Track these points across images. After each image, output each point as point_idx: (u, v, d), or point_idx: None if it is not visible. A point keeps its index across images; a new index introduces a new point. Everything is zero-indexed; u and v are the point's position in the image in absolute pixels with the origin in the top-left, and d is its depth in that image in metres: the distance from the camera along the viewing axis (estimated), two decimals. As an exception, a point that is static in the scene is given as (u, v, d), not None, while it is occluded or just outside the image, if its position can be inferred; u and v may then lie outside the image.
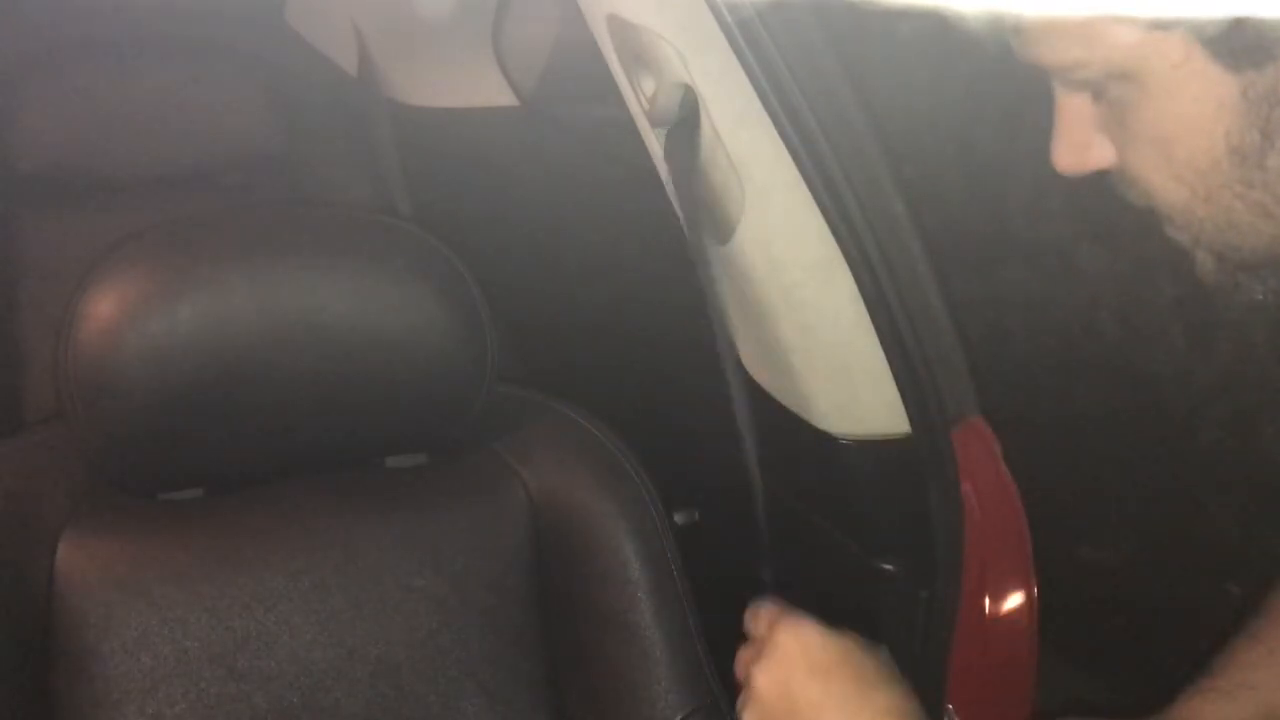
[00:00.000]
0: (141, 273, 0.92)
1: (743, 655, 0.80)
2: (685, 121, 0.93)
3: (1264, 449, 1.41)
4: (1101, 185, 0.63)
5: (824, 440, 1.02)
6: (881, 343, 0.95)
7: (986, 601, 1.01)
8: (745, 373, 1.12)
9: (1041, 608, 1.01)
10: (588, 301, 1.60)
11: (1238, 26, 0.50)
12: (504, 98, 1.73)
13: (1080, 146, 0.60)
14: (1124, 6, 0.50)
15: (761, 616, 0.80)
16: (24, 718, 0.93)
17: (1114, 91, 0.57)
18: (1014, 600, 1.01)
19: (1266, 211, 0.55)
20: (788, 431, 1.05)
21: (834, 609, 1.13)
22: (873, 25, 1.02)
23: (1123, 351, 1.50)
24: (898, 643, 1.05)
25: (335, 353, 0.95)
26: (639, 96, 0.98)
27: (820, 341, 0.99)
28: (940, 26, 0.61)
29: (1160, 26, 0.52)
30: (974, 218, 1.45)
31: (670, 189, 1.00)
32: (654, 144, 1.02)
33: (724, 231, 0.97)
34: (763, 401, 1.09)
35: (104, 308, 0.90)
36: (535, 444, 1.07)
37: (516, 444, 1.07)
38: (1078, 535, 1.53)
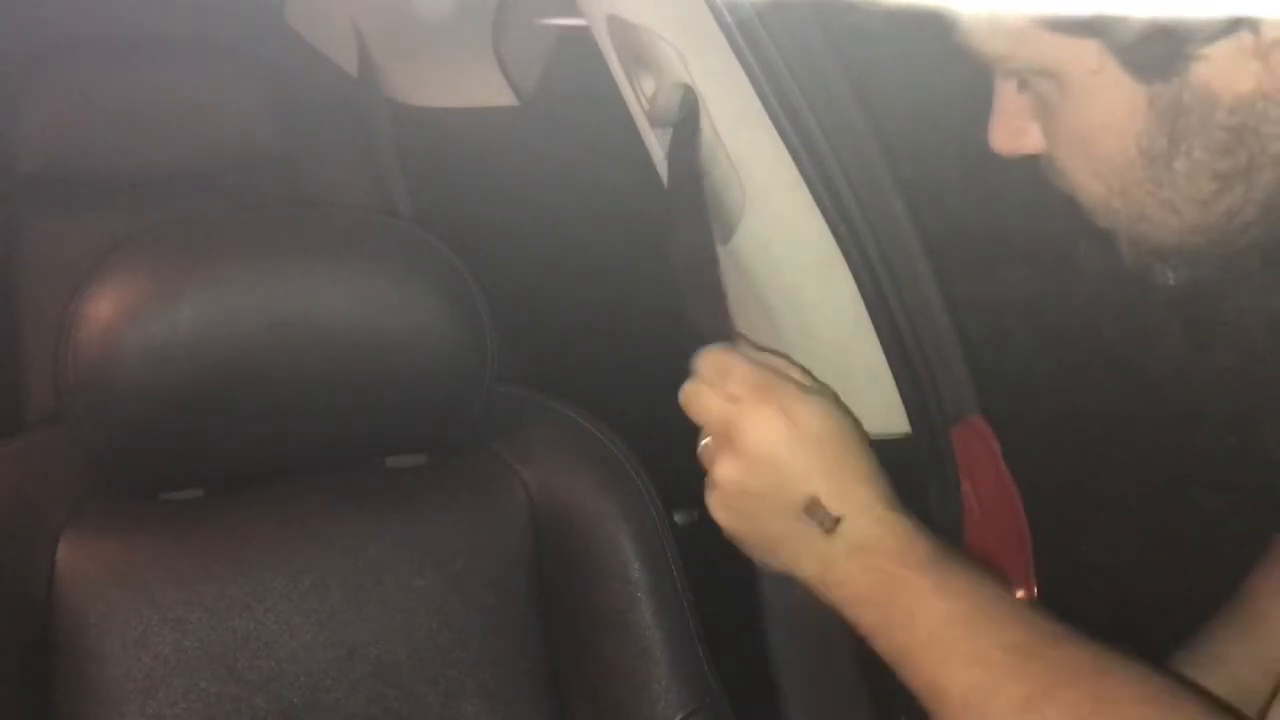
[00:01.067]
0: (141, 273, 0.92)
1: (709, 408, 0.74)
2: (685, 121, 0.93)
3: (1264, 449, 1.41)
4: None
5: (824, 440, 1.02)
6: (881, 343, 0.95)
7: (986, 601, 1.01)
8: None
9: (1041, 608, 1.01)
10: (588, 301, 1.59)
11: (1146, 40, 0.54)
12: (504, 98, 1.73)
13: (1014, 131, 0.64)
14: (1121, 7, 0.50)
15: (733, 374, 0.73)
16: (24, 718, 0.93)
17: (1037, 86, 0.61)
18: (1014, 600, 1.01)
19: (1174, 208, 0.59)
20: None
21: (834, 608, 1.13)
22: (872, 25, 1.01)
23: (1123, 351, 1.50)
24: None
25: (335, 353, 0.95)
26: (639, 96, 0.98)
27: (820, 341, 0.99)
28: (939, 26, 0.62)
29: (1078, 34, 0.55)
30: (974, 218, 1.45)
31: (670, 189, 1.00)
32: (654, 144, 1.02)
33: (724, 231, 0.97)
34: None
35: (104, 308, 0.90)
36: (535, 444, 1.07)
37: (516, 444, 1.07)
38: (1078, 535, 1.53)
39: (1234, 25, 0.52)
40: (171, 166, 1.63)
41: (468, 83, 1.73)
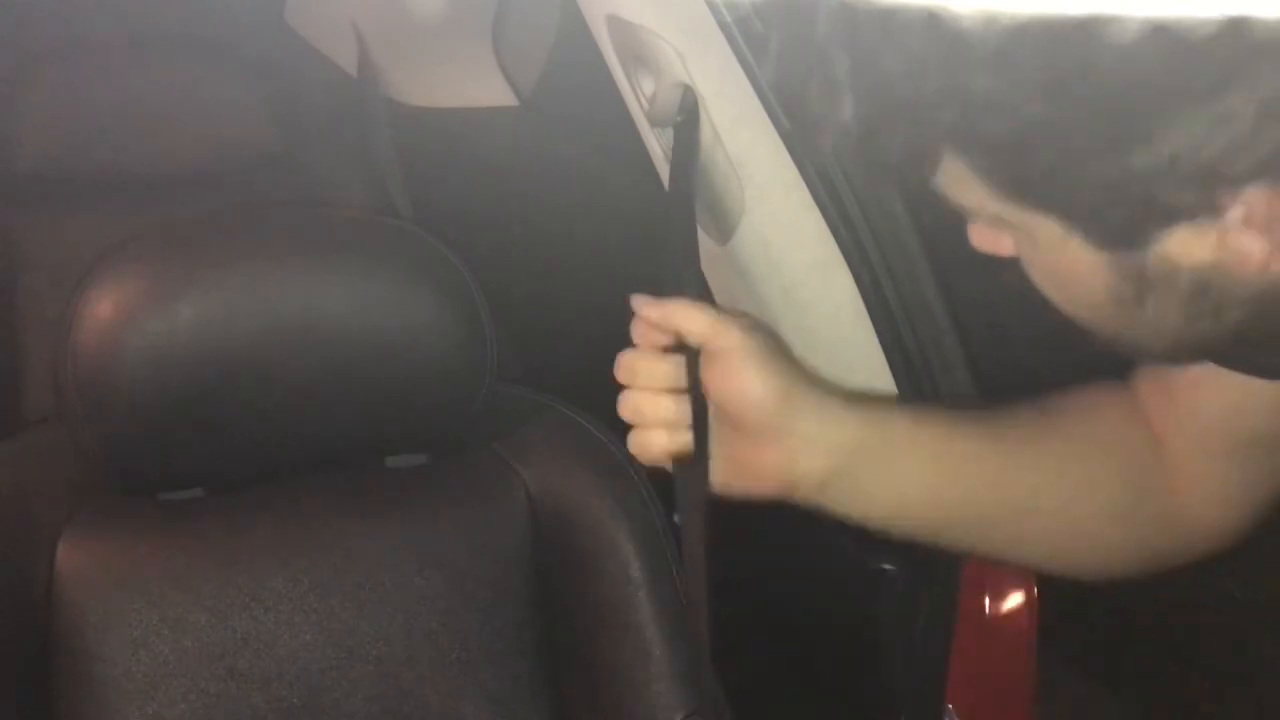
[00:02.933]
0: (141, 273, 0.92)
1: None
2: (685, 121, 0.93)
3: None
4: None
5: (824, 440, 1.02)
6: (881, 343, 0.95)
7: (986, 601, 1.01)
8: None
9: (1041, 608, 1.01)
10: (588, 301, 1.59)
11: (1104, 224, 0.57)
12: (504, 98, 1.73)
13: (994, 239, 0.66)
14: (1122, 7, 0.50)
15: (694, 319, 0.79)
16: (24, 718, 0.93)
17: (1009, 229, 0.63)
18: (1014, 600, 1.01)
19: (1148, 336, 0.63)
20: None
21: (833, 609, 1.14)
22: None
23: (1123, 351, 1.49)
24: (898, 643, 1.05)
25: (335, 353, 0.95)
26: (639, 96, 0.98)
27: (820, 342, 0.98)
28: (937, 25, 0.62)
29: (1038, 210, 0.58)
30: (974, 217, 1.45)
31: (670, 188, 1.00)
32: (654, 144, 1.02)
33: (724, 231, 0.97)
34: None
35: (104, 308, 0.90)
36: (535, 444, 1.07)
37: (516, 444, 1.07)
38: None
39: (1189, 214, 0.54)
40: (171, 166, 1.63)
41: (468, 83, 1.73)
